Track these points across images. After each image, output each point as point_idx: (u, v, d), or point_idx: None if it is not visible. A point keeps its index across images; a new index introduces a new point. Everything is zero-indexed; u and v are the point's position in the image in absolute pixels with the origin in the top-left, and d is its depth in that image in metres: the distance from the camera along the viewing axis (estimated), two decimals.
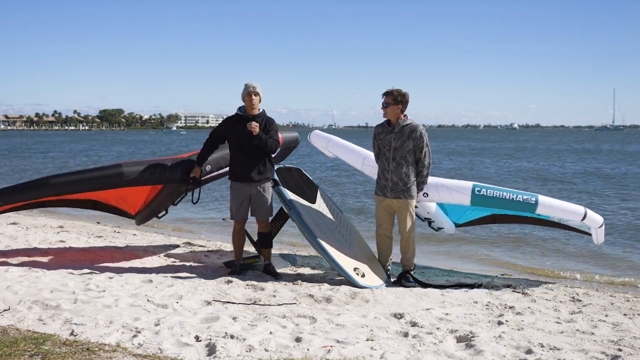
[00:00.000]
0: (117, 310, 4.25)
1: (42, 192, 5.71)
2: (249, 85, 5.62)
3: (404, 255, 5.74)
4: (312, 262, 6.83)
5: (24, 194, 5.74)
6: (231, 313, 4.27)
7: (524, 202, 5.64)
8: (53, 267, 5.97)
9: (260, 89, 5.64)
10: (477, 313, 4.58)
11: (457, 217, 6.84)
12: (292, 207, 5.68)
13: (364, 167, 6.39)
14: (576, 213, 5.68)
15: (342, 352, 3.47)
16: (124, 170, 5.63)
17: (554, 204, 5.74)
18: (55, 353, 3.25)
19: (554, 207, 5.72)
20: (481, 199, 5.72)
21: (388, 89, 5.62)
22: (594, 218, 5.74)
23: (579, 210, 5.70)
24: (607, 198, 15.26)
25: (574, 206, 5.81)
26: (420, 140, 5.55)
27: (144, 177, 5.68)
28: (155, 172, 5.69)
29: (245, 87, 5.64)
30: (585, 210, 5.69)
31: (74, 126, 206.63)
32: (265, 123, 5.67)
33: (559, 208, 5.73)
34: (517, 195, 5.70)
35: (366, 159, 6.33)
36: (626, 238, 9.63)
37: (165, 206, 6.63)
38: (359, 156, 6.47)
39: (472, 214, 6.79)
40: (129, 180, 5.65)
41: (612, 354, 3.59)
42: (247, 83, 5.65)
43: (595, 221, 5.75)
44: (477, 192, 5.71)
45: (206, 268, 6.22)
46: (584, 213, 5.65)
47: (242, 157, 5.61)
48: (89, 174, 5.75)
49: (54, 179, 5.67)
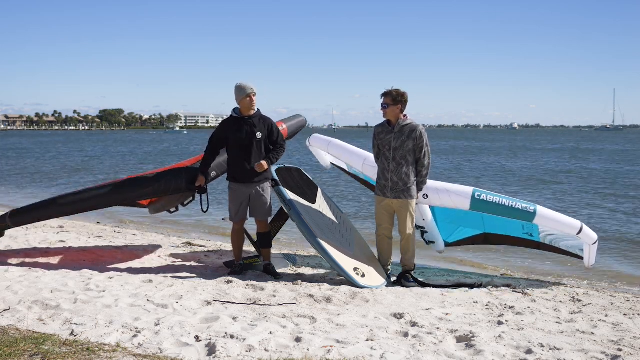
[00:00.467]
0: (117, 310, 4.25)
1: (50, 212, 5.89)
2: (247, 87, 5.57)
3: (404, 256, 5.75)
4: (312, 262, 6.83)
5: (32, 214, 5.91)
6: (231, 313, 4.27)
7: (522, 210, 5.61)
8: (53, 267, 5.98)
9: (255, 89, 5.64)
10: (477, 313, 4.58)
11: (447, 234, 6.78)
12: (292, 207, 5.68)
13: (365, 168, 6.38)
14: (572, 227, 5.64)
15: (342, 352, 3.46)
16: (129, 187, 5.80)
17: (551, 215, 5.70)
18: (55, 353, 3.25)
19: (551, 219, 5.68)
20: (480, 204, 5.68)
21: (387, 90, 5.62)
22: (589, 234, 5.71)
23: (575, 224, 5.65)
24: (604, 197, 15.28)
25: (570, 219, 5.75)
26: (420, 140, 5.55)
27: (150, 192, 5.84)
28: (161, 185, 5.78)
29: (242, 89, 5.57)
30: (581, 225, 5.65)
31: (74, 126, 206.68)
32: (268, 126, 5.67)
33: (556, 220, 5.69)
34: (517, 203, 5.68)
35: (367, 160, 6.32)
36: (626, 240, 9.64)
37: (175, 204, 6.71)
38: (360, 158, 6.45)
39: (462, 232, 6.78)
40: (137, 195, 5.85)
41: (612, 354, 3.59)
42: (243, 85, 5.57)
43: (590, 237, 5.72)
44: (477, 196, 5.68)
45: (206, 268, 6.22)
46: (579, 227, 5.61)
47: (241, 158, 5.59)
48: (95, 192, 5.87)
49: (61, 200, 5.89)
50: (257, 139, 5.59)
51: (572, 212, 12.13)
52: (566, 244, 6.15)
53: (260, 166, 5.54)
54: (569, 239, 5.95)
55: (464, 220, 6.56)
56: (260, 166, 5.54)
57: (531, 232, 6.19)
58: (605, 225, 10.92)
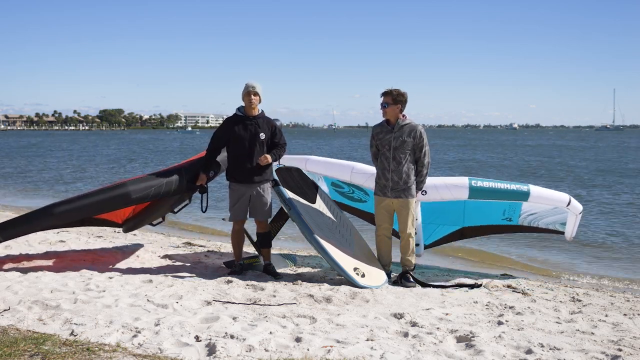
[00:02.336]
0: (117, 310, 4.25)
1: (47, 222, 5.46)
2: (249, 85, 5.60)
3: (404, 255, 5.74)
4: (312, 262, 6.83)
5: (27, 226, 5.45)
6: (231, 313, 4.27)
7: (517, 190, 6.05)
8: (53, 267, 5.98)
9: (260, 89, 5.62)
10: (477, 313, 4.58)
11: (426, 236, 6.79)
12: (292, 207, 5.68)
13: (354, 177, 6.39)
14: (562, 200, 6.14)
15: (342, 352, 3.46)
16: (130, 189, 5.41)
17: (543, 192, 6.16)
18: (55, 353, 3.25)
19: (544, 196, 6.14)
20: (478, 192, 5.93)
21: (387, 89, 5.62)
22: (576, 205, 6.22)
23: (564, 197, 6.17)
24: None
25: (560, 193, 6.27)
26: (420, 140, 5.56)
27: (151, 194, 5.48)
28: (162, 185, 5.52)
29: (245, 86, 5.62)
30: (569, 198, 6.16)
31: (74, 126, 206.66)
32: (272, 128, 5.67)
33: (547, 196, 6.15)
34: (511, 184, 6.11)
35: (354, 169, 6.36)
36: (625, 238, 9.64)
37: (163, 214, 6.50)
38: (346, 168, 6.49)
39: (440, 231, 6.85)
40: (137, 198, 5.46)
41: (612, 354, 3.58)
42: (248, 82, 5.62)
43: (576, 208, 6.21)
44: (473, 185, 5.94)
45: (206, 268, 6.22)
46: (568, 200, 6.13)
47: (242, 158, 5.59)
48: (94, 197, 5.44)
49: (57, 208, 5.41)
50: (259, 139, 5.59)
51: None
52: (546, 220, 6.50)
53: (265, 159, 5.54)
54: (551, 215, 6.39)
55: (443, 217, 6.66)
56: (265, 159, 5.54)
57: (510, 216, 6.50)
58: (606, 225, 10.93)
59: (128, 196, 5.41)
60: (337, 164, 6.61)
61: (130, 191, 5.41)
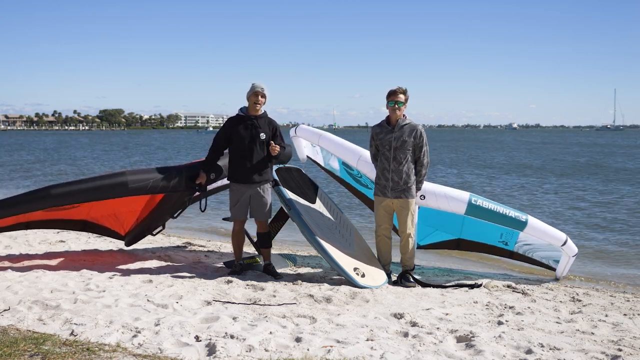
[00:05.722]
0: (117, 310, 4.25)
1: (42, 203, 5.33)
2: (257, 86, 5.58)
3: (404, 256, 5.74)
4: (312, 262, 6.83)
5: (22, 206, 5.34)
6: (231, 313, 4.27)
7: (515, 218, 5.87)
8: (53, 267, 5.98)
9: (267, 91, 5.62)
10: (477, 313, 4.58)
11: (422, 237, 6.78)
12: (292, 207, 5.68)
13: (360, 165, 6.26)
14: (558, 238, 5.95)
15: (342, 352, 3.46)
16: (128, 178, 5.37)
17: (540, 226, 5.97)
18: (55, 353, 3.25)
19: (540, 229, 5.95)
20: (475, 210, 5.80)
21: (401, 87, 5.58)
22: (572, 246, 6.04)
23: (561, 236, 5.97)
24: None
25: (557, 231, 6.06)
26: (420, 140, 5.56)
27: (149, 186, 5.43)
28: (160, 179, 5.48)
29: (253, 86, 5.59)
30: (566, 237, 5.98)
31: (74, 126, 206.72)
32: (273, 128, 5.67)
33: (544, 231, 5.97)
34: (510, 211, 5.92)
35: (362, 157, 6.26)
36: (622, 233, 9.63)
37: (163, 221, 6.51)
38: (355, 154, 6.32)
39: (437, 236, 6.83)
40: (134, 189, 5.39)
41: (612, 354, 3.59)
42: (255, 83, 5.61)
43: (572, 249, 6.05)
44: (473, 202, 5.80)
45: (206, 268, 6.22)
46: (564, 239, 5.94)
47: (243, 158, 5.59)
48: (91, 183, 5.38)
49: (54, 189, 5.28)
50: (260, 139, 5.59)
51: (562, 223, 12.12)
52: (541, 254, 6.45)
53: (274, 149, 5.52)
54: (546, 249, 6.28)
55: (442, 224, 6.62)
56: (274, 149, 5.52)
57: (507, 240, 6.42)
58: (606, 225, 10.92)
59: (125, 185, 5.35)
60: (347, 148, 6.41)
61: (129, 180, 5.36)
